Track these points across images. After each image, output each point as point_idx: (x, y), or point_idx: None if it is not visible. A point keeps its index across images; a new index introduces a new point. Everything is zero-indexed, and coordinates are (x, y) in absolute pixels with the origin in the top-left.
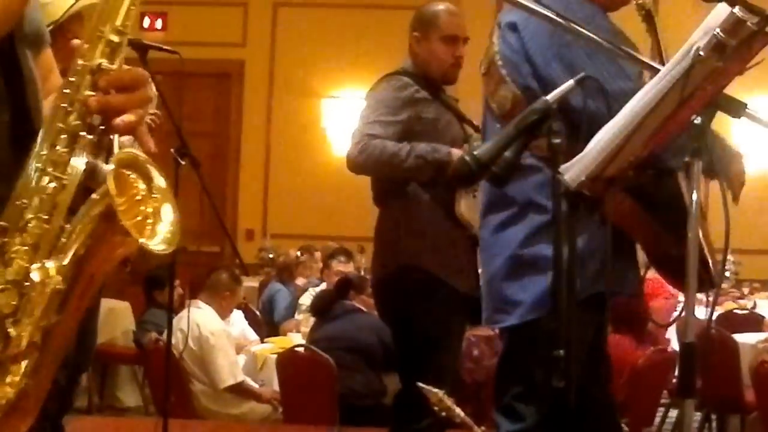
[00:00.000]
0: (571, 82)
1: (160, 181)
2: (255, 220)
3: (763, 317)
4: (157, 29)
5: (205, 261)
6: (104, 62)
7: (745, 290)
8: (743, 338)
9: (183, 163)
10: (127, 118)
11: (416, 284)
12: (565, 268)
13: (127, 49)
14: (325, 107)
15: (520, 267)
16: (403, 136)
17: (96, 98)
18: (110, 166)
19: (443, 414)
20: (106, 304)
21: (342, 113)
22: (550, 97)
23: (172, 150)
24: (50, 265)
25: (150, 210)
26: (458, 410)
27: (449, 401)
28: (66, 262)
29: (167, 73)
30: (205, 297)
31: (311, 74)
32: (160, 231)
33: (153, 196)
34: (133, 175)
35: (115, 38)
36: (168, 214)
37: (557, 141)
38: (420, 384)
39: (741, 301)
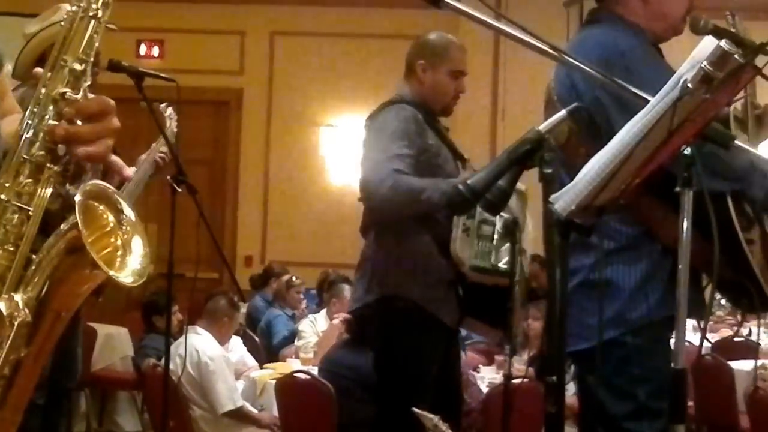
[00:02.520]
0: (563, 112)
1: (129, 213)
2: (254, 246)
3: (758, 344)
4: (153, 56)
5: (204, 287)
6: (68, 91)
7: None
8: (739, 365)
9: (180, 190)
10: (92, 148)
11: (401, 313)
12: (559, 297)
13: (117, 76)
14: (324, 135)
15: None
16: (415, 168)
17: (62, 127)
18: (78, 198)
19: None
20: (105, 329)
21: (340, 141)
22: (542, 127)
23: (168, 177)
24: (18, 298)
25: (119, 242)
26: None
27: (444, 426)
28: (33, 294)
29: (164, 100)
30: (203, 323)
31: (309, 103)
32: (130, 263)
33: (122, 228)
34: (102, 207)
35: (78, 66)
36: (138, 246)
37: (549, 171)
38: (415, 410)
39: (736, 329)
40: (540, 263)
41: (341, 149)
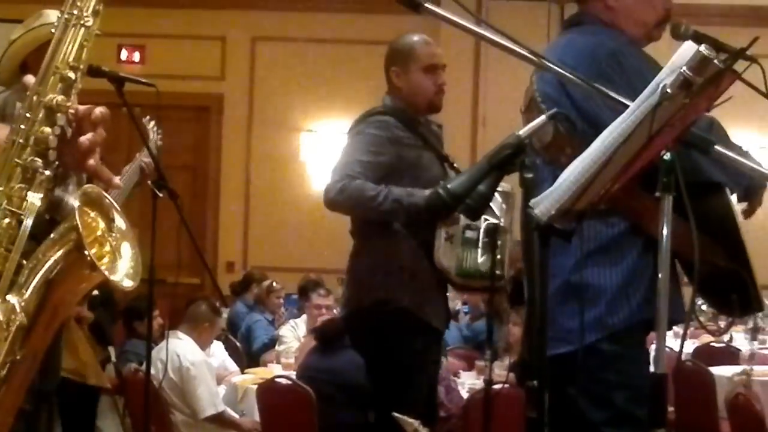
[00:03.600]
0: (543, 117)
1: (120, 223)
2: (235, 252)
3: (739, 350)
4: (134, 62)
5: (185, 292)
6: (61, 98)
7: (722, 323)
8: (719, 371)
9: (161, 195)
10: (94, 161)
11: (392, 319)
12: (539, 302)
13: (97, 82)
14: (304, 141)
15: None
16: (385, 175)
17: (87, 138)
18: (76, 203)
19: None
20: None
21: (321, 147)
22: (523, 132)
23: (149, 182)
24: (14, 300)
25: (107, 249)
26: None
27: (425, 431)
28: (29, 297)
29: (145, 105)
30: (184, 328)
31: (290, 108)
32: (120, 267)
33: (111, 235)
34: (93, 214)
35: (70, 74)
36: (126, 250)
37: (529, 176)
38: (396, 414)
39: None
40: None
41: (322, 155)
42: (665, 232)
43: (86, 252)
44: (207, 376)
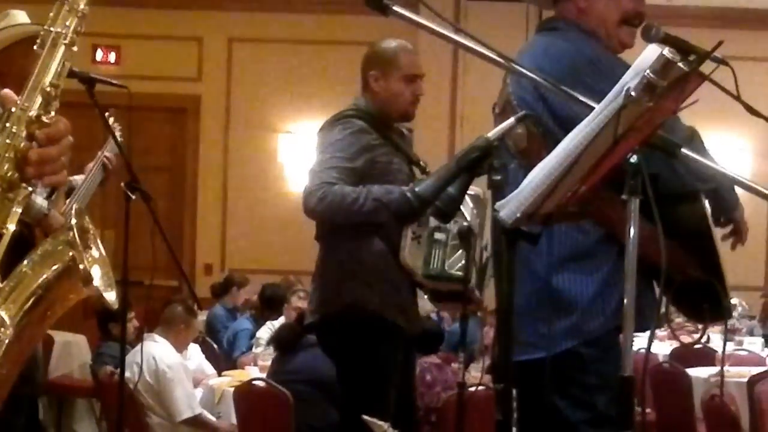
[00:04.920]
0: (512, 120)
1: (95, 253)
2: (213, 254)
3: (716, 351)
4: (110, 62)
5: (163, 294)
6: (42, 114)
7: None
8: (697, 372)
9: (133, 197)
10: (58, 178)
11: (361, 324)
12: (506, 304)
13: (72, 82)
14: (282, 142)
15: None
16: (359, 180)
17: (36, 151)
18: (73, 221)
19: None
20: (63, 337)
21: (298, 148)
22: (491, 134)
23: (122, 184)
24: (3, 314)
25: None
26: None
27: None
28: (18, 310)
29: (120, 106)
30: (160, 330)
31: (267, 109)
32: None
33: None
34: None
35: (51, 90)
36: (96, 271)
37: (497, 178)
38: (365, 417)
39: (696, 336)
40: None
41: (300, 156)
42: (632, 233)
43: (81, 267)
44: (184, 378)
